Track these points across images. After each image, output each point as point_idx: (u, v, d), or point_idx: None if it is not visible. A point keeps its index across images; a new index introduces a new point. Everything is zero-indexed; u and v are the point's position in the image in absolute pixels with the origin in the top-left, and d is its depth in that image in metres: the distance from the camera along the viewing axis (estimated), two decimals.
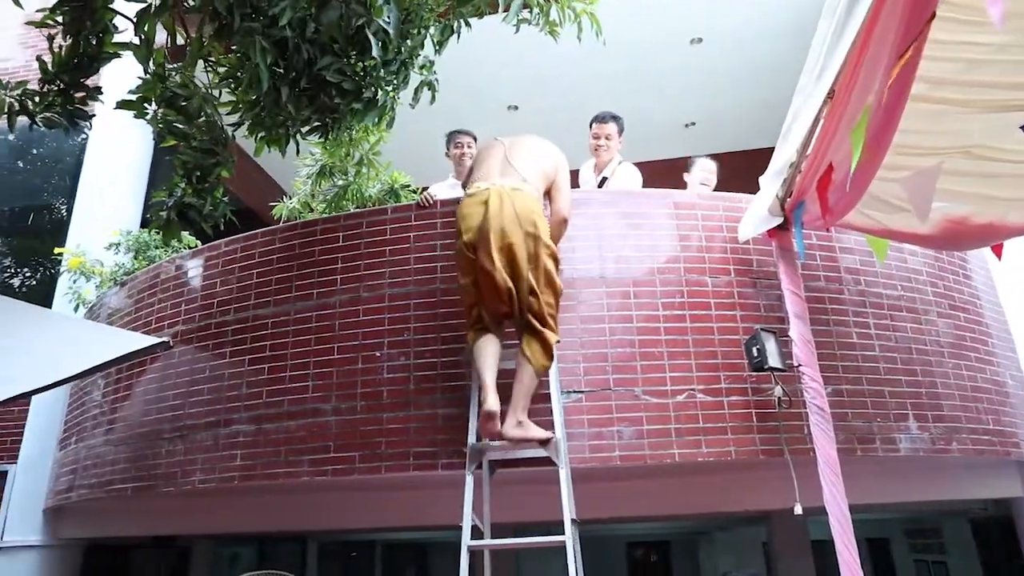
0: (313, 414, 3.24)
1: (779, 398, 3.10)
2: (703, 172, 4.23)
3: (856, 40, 2.04)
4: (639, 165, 4.32)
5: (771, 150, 3.08)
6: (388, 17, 2.52)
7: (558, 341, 2.96)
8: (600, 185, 4.20)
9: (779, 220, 3.19)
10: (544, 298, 2.90)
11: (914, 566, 9.70)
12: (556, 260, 2.99)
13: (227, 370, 3.50)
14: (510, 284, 2.86)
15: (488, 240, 2.85)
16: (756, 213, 3.26)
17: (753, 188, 3.35)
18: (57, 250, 5.08)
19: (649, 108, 7.05)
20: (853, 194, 2.44)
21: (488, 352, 2.90)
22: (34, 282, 6.13)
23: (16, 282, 6.17)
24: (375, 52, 2.58)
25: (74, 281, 4.85)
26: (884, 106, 1.88)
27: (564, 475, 2.82)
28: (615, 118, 4.25)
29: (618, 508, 3.69)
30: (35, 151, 6.51)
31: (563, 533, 2.71)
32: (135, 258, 4.83)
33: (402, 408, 3.15)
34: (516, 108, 7.17)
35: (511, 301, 2.89)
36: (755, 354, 3.07)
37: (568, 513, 2.76)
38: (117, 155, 5.75)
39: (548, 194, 3.18)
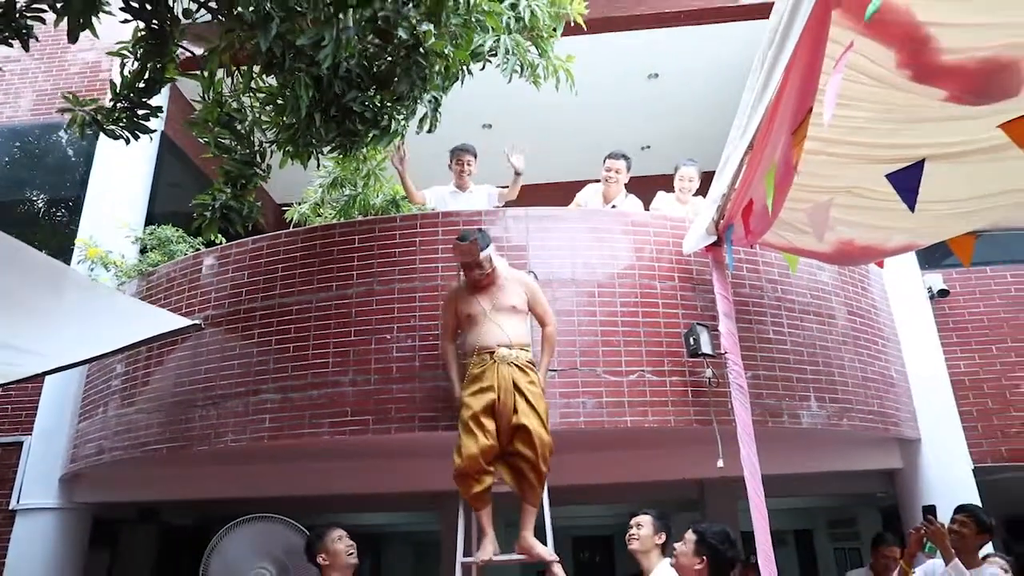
0: (333, 385, 3.89)
1: (709, 379, 3.91)
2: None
3: (766, 113, 2.85)
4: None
5: (713, 173, 3.86)
6: (443, 90, 3.24)
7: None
8: None
9: (714, 238, 4.00)
10: None
11: (833, 554, 10.73)
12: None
13: (256, 348, 4.11)
14: None
15: None
16: (696, 232, 4.07)
17: None
18: (79, 240, 5.54)
19: (610, 131, 7.86)
20: (767, 221, 3.25)
21: None
22: None
23: None
24: (428, 110, 3.29)
25: (91, 270, 5.32)
26: (784, 163, 2.68)
27: None
28: (625, 157, 5.07)
29: (580, 476, 4.43)
30: (40, 144, 6.85)
31: None
32: (142, 253, 5.33)
33: (409, 381, 3.83)
34: (490, 127, 7.88)
35: None
36: (692, 343, 3.88)
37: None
38: (125, 156, 6.22)
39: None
